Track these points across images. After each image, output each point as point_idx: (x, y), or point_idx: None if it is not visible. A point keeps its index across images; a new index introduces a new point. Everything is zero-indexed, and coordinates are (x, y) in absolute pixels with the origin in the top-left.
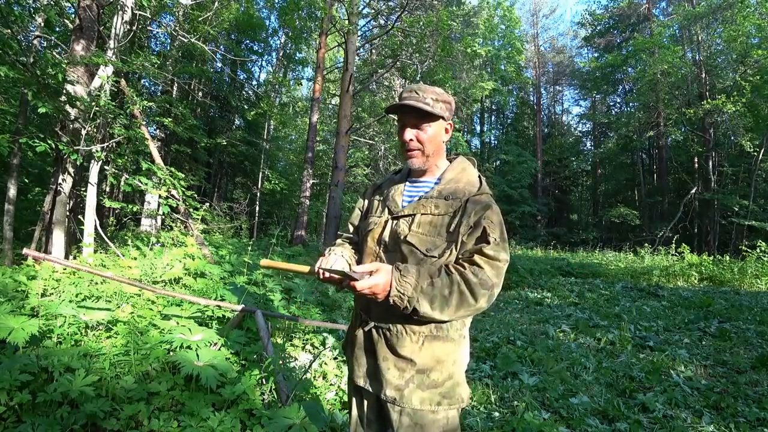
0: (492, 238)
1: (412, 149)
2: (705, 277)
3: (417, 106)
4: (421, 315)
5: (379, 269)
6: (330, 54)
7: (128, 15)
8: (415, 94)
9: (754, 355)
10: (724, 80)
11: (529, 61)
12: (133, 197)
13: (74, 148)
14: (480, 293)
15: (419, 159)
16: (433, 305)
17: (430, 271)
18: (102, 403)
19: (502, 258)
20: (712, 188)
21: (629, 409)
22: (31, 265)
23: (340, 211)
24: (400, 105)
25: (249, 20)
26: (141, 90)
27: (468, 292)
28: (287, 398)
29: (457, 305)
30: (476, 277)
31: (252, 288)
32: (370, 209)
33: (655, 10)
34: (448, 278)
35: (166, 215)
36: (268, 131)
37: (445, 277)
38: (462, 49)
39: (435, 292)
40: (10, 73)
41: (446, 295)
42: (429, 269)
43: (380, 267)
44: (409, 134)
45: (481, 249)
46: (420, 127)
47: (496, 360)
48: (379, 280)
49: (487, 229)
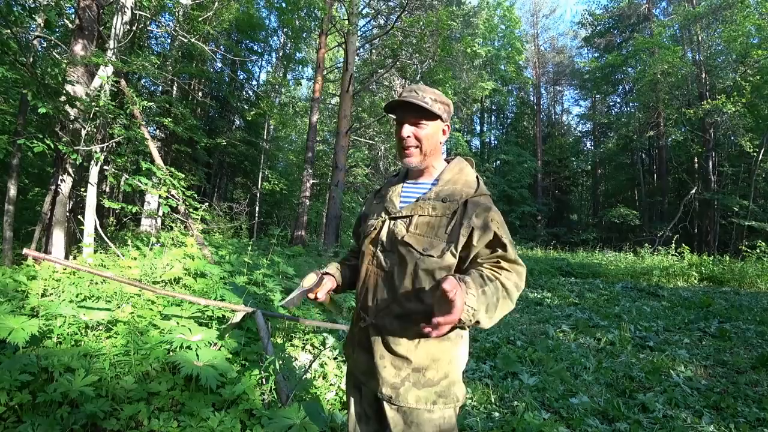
0: (506, 241)
1: (409, 146)
2: (705, 277)
3: (416, 103)
4: (476, 324)
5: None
6: (330, 54)
7: (128, 15)
8: (415, 93)
9: (754, 355)
10: (724, 80)
11: (529, 61)
12: (133, 197)
13: (74, 148)
14: (515, 296)
15: (416, 157)
16: (487, 313)
17: (478, 281)
18: (102, 403)
19: (521, 262)
20: (712, 188)
21: (629, 409)
22: (31, 265)
23: (340, 211)
24: (399, 102)
25: (249, 20)
26: (141, 90)
27: (508, 296)
28: (287, 398)
29: (501, 310)
30: (510, 281)
31: (252, 288)
32: (370, 213)
33: (655, 10)
34: (492, 285)
35: (166, 215)
36: (267, 131)
37: (490, 284)
38: (462, 49)
39: (487, 301)
40: (8, 73)
41: (495, 302)
42: (475, 278)
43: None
44: (406, 131)
45: (504, 255)
46: (418, 125)
47: (496, 360)
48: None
49: (498, 233)
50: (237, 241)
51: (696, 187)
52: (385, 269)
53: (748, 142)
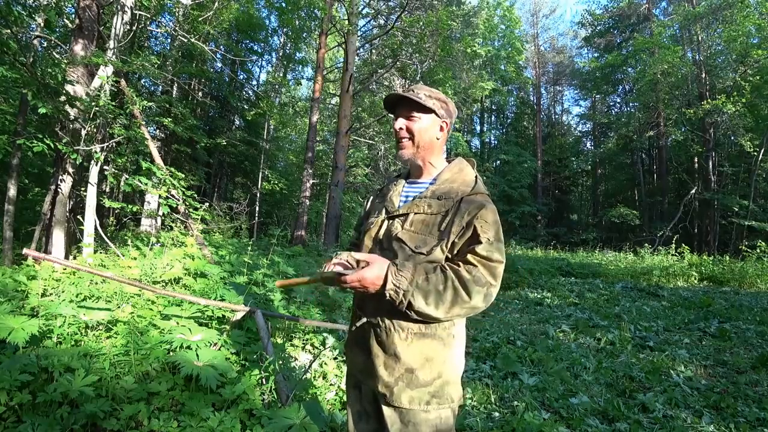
0: (485, 238)
1: (402, 138)
2: (705, 277)
3: (408, 96)
4: (416, 310)
5: (371, 263)
6: (330, 54)
7: (128, 15)
8: (411, 91)
9: (754, 355)
10: (724, 80)
11: (529, 61)
12: (133, 197)
13: (74, 148)
14: (474, 290)
15: (409, 149)
16: (427, 300)
17: (426, 268)
18: (102, 403)
19: (495, 258)
20: (712, 188)
21: (629, 409)
22: (31, 265)
23: (340, 211)
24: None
25: (249, 20)
26: (141, 90)
27: (462, 288)
28: (287, 398)
29: (452, 302)
30: (469, 275)
31: (252, 288)
32: (371, 211)
33: (655, 10)
34: (442, 274)
35: (166, 215)
36: (267, 131)
37: (440, 273)
38: (462, 49)
39: (430, 287)
40: (8, 73)
41: (440, 290)
42: (425, 266)
43: (373, 260)
44: (399, 123)
45: (474, 249)
46: (410, 118)
47: (496, 360)
48: (367, 273)
49: (478, 229)
50: (237, 241)
51: (696, 187)
52: None
53: (748, 142)
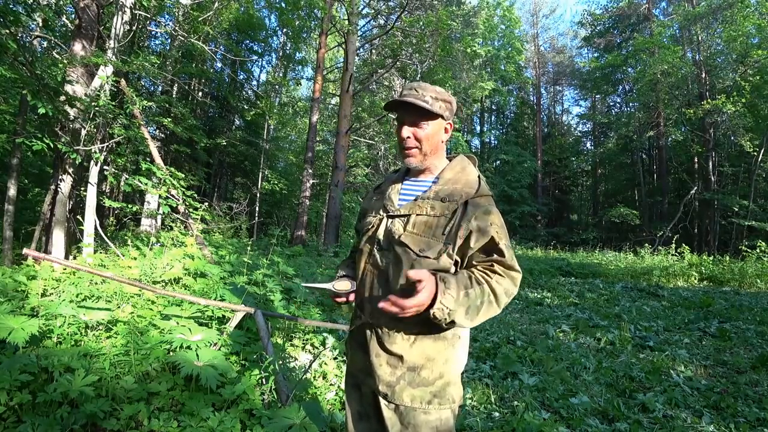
0: (503, 245)
1: (410, 147)
2: (705, 277)
3: (415, 103)
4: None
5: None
6: (330, 54)
7: (128, 15)
8: (415, 92)
9: (754, 355)
10: (724, 80)
11: (529, 61)
12: (133, 197)
13: (74, 148)
14: (503, 302)
15: (416, 158)
16: (466, 315)
17: (464, 282)
18: (102, 403)
19: (516, 267)
20: (712, 188)
21: (629, 409)
22: (31, 265)
23: (340, 211)
24: (398, 102)
25: (249, 20)
26: (141, 90)
27: (495, 301)
28: (287, 398)
29: (484, 314)
30: (500, 286)
31: (252, 288)
32: (369, 209)
33: (655, 10)
34: (479, 288)
35: (166, 215)
36: (267, 131)
37: (476, 287)
38: (462, 49)
39: (469, 303)
40: (8, 73)
41: (478, 305)
42: (463, 279)
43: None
44: (406, 132)
45: (499, 259)
46: (418, 125)
47: (496, 360)
48: (423, 298)
49: (495, 237)
50: (237, 241)
51: (696, 187)
52: (381, 268)
53: (748, 142)
